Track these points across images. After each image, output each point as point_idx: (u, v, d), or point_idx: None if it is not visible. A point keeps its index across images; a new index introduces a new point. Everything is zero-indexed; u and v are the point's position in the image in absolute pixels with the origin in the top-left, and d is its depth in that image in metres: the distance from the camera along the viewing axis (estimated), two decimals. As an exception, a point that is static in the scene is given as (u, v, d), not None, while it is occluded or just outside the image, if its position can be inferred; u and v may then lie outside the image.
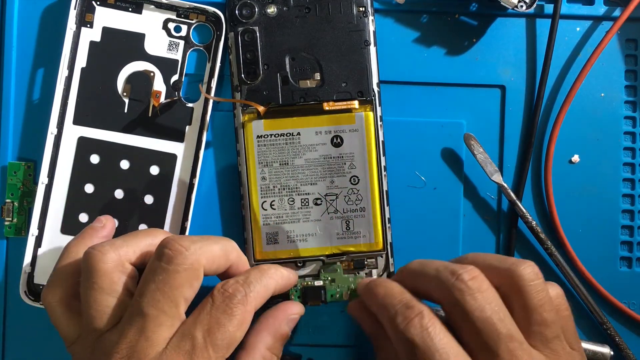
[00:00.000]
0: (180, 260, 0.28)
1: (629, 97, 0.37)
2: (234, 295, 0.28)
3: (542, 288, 0.28)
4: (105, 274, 0.29)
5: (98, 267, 0.29)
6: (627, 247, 0.37)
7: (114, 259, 0.29)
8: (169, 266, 0.28)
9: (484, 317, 0.27)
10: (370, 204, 0.35)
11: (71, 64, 0.35)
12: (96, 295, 0.29)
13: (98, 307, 0.29)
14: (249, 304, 0.29)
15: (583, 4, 0.37)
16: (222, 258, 0.30)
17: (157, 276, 0.28)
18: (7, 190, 0.36)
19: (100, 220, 0.34)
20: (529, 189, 0.37)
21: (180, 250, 0.28)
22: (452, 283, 0.28)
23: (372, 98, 0.35)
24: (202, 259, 0.29)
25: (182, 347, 0.27)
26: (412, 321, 0.27)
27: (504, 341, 0.27)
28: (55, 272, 0.31)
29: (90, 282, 0.29)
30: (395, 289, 0.30)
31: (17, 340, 0.36)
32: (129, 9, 0.36)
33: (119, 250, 0.29)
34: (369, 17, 0.35)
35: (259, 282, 0.30)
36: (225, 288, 0.29)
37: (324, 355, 0.36)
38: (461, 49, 0.37)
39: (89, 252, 0.29)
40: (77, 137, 0.35)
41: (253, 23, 0.35)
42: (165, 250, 0.28)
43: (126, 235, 0.31)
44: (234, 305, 0.28)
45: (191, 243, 0.29)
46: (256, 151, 0.35)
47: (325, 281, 0.34)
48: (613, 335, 0.35)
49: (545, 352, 0.28)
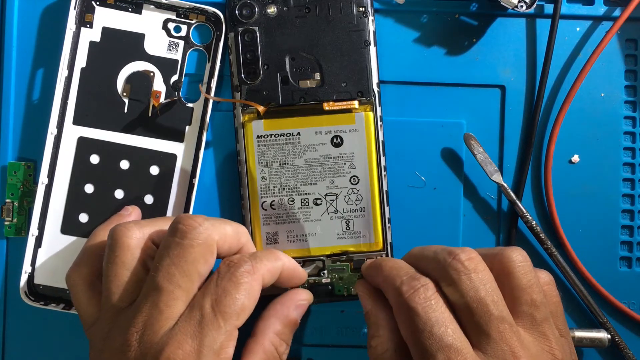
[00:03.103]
0: (194, 234, 0.29)
1: (629, 97, 0.37)
2: (240, 264, 0.29)
3: (530, 270, 0.29)
4: (128, 248, 0.30)
5: (122, 241, 0.30)
6: (627, 247, 0.37)
7: (138, 236, 0.30)
8: (182, 241, 0.28)
9: (477, 297, 0.27)
10: (370, 204, 0.35)
11: (71, 64, 0.35)
12: (117, 270, 0.29)
13: (117, 282, 0.29)
14: (256, 273, 0.29)
15: (583, 4, 0.37)
16: (233, 238, 0.30)
17: (171, 251, 0.28)
18: (7, 190, 0.36)
19: (127, 209, 0.35)
20: (529, 189, 0.37)
21: (193, 225, 0.29)
22: (449, 263, 0.28)
23: (372, 98, 0.35)
24: (215, 235, 0.29)
25: (193, 318, 0.28)
26: (418, 290, 0.28)
27: (495, 322, 0.27)
28: (81, 253, 0.32)
29: (112, 256, 0.30)
30: (401, 264, 0.30)
31: (17, 340, 0.36)
32: (128, 9, 0.36)
33: (144, 228, 0.30)
34: (369, 17, 0.35)
35: (266, 258, 0.30)
36: (230, 259, 0.29)
37: (324, 355, 0.36)
38: (461, 49, 0.37)
39: (115, 228, 0.30)
40: (77, 137, 0.35)
41: (253, 23, 0.35)
42: (179, 226, 0.29)
43: (151, 218, 0.32)
44: (240, 274, 0.29)
45: (204, 219, 0.29)
46: (256, 151, 0.35)
47: (333, 279, 0.34)
48: (613, 336, 0.35)
49: (535, 334, 0.28)
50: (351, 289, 0.35)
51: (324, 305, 0.35)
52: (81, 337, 0.36)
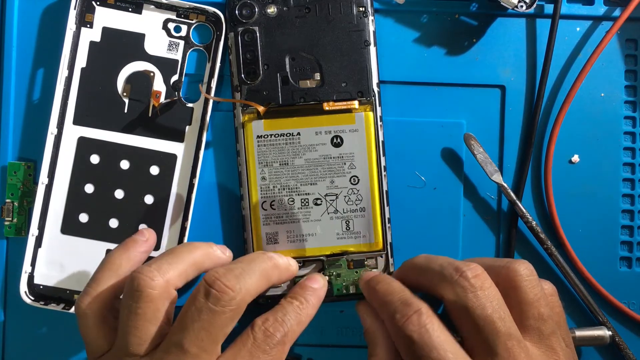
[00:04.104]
0: (227, 300, 0.28)
1: (629, 97, 0.37)
2: (274, 335, 0.29)
3: (537, 284, 0.29)
4: (152, 301, 0.29)
5: (146, 293, 0.29)
6: (627, 247, 0.37)
7: (161, 285, 0.29)
8: (215, 307, 0.28)
9: (484, 315, 0.27)
10: (370, 204, 0.35)
11: (71, 64, 0.35)
12: (138, 322, 0.29)
13: (138, 334, 0.29)
14: (286, 344, 0.29)
15: (583, 4, 0.37)
16: (263, 285, 0.31)
17: (202, 315, 0.28)
18: (7, 190, 0.36)
19: (143, 234, 0.34)
20: (529, 189, 0.37)
21: (226, 291, 0.28)
22: (455, 280, 0.28)
23: (372, 98, 0.35)
24: (247, 296, 0.29)
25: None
26: (410, 318, 0.28)
27: (502, 339, 0.27)
28: (94, 281, 0.31)
29: (134, 307, 0.29)
30: (394, 286, 0.30)
31: (17, 340, 0.36)
32: (129, 9, 0.36)
33: (166, 275, 0.29)
34: (369, 17, 0.35)
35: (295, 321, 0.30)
36: (266, 327, 0.29)
37: (324, 355, 0.36)
38: (461, 49, 0.37)
39: (137, 276, 0.29)
40: (77, 137, 0.35)
41: (253, 23, 0.35)
42: (212, 291, 0.28)
43: (169, 256, 0.31)
44: (274, 346, 0.29)
45: (236, 281, 0.29)
46: (256, 151, 0.35)
47: (331, 276, 0.34)
48: (613, 335, 0.35)
49: (542, 348, 0.28)
50: (350, 288, 0.35)
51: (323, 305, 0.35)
52: (80, 337, 0.36)
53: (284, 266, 0.32)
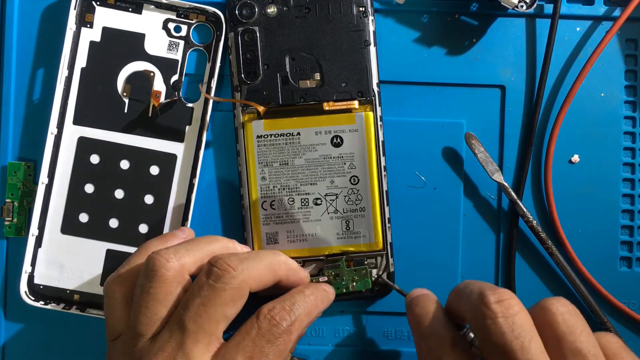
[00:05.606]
0: (228, 279, 0.28)
1: (629, 97, 0.37)
2: (280, 324, 0.29)
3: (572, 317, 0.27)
4: (165, 282, 0.29)
5: (160, 273, 0.29)
6: (627, 247, 0.37)
7: (176, 267, 0.29)
8: (216, 284, 0.28)
9: (502, 342, 0.26)
10: (370, 204, 0.35)
11: (71, 64, 0.35)
12: (149, 302, 0.29)
13: (148, 313, 0.29)
14: (293, 334, 0.29)
15: (583, 4, 0.37)
16: (268, 275, 0.30)
17: (202, 291, 0.28)
18: (7, 190, 0.36)
19: (183, 230, 0.34)
20: (529, 189, 0.37)
21: (228, 270, 0.29)
22: (476, 305, 0.27)
23: (372, 98, 0.35)
24: (249, 279, 0.29)
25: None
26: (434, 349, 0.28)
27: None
28: (127, 265, 0.31)
29: (147, 286, 0.29)
30: (430, 310, 0.30)
31: (17, 340, 0.36)
32: (129, 9, 0.36)
33: (182, 259, 0.30)
34: (369, 17, 0.35)
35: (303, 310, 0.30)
36: (272, 315, 0.29)
37: (324, 355, 0.36)
38: (461, 49, 0.37)
39: (153, 256, 0.29)
40: (77, 137, 0.35)
41: (253, 23, 0.35)
42: (213, 269, 0.29)
43: (188, 243, 0.31)
44: (279, 335, 0.28)
45: (239, 262, 0.29)
46: (256, 151, 0.35)
47: (331, 276, 0.34)
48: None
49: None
50: (349, 286, 0.35)
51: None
52: (81, 337, 0.36)
53: (294, 266, 0.32)
